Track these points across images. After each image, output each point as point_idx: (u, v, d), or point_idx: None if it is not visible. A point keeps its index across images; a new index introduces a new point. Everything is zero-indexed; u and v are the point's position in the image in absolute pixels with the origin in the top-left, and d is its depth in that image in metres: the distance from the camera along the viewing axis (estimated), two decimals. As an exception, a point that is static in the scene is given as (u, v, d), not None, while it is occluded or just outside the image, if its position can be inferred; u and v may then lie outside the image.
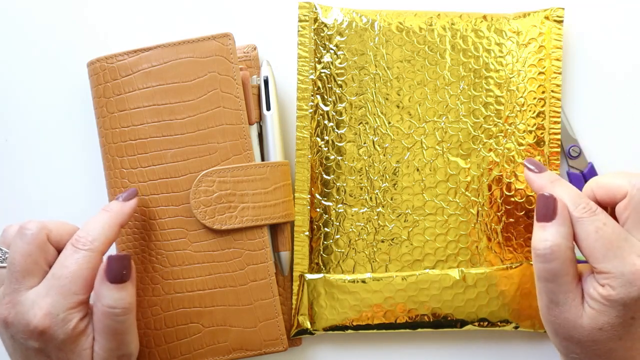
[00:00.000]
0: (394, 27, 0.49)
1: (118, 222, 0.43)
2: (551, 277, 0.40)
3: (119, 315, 0.41)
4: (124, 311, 0.41)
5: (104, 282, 0.41)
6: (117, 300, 0.40)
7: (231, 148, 0.47)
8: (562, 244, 0.39)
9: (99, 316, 0.41)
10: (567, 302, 0.40)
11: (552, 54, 0.49)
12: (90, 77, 0.47)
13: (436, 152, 0.49)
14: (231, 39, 0.47)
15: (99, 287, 0.41)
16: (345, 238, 0.49)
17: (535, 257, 0.40)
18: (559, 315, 0.40)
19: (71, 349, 0.40)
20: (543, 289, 0.40)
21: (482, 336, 0.49)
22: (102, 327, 0.41)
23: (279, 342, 0.47)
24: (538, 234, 0.40)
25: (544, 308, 0.41)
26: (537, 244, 0.40)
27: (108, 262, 0.41)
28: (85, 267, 0.40)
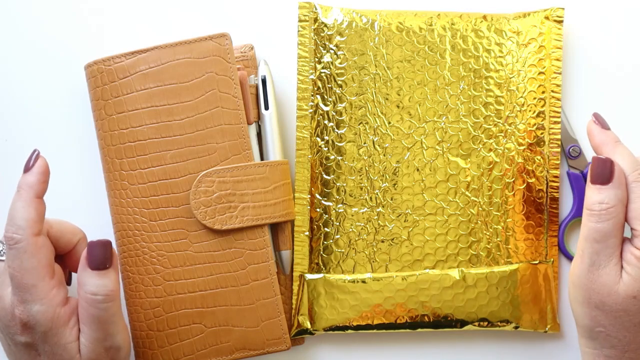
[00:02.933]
0: (394, 27, 0.49)
1: (32, 198, 0.41)
2: (600, 237, 0.41)
3: (102, 302, 0.40)
4: (106, 298, 0.40)
5: (85, 269, 0.41)
6: (99, 286, 0.40)
7: (230, 148, 0.47)
8: (618, 205, 0.41)
9: (83, 304, 0.41)
10: (609, 266, 0.41)
11: (552, 54, 0.49)
12: (88, 79, 0.47)
13: (436, 152, 0.49)
14: (228, 39, 0.47)
15: (80, 274, 0.41)
16: (345, 238, 0.49)
17: (588, 217, 0.41)
18: (597, 280, 0.41)
19: (56, 342, 0.40)
20: (588, 249, 0.41)
21: (482, 336, 0.50)
22: (86, 316, 0.40)
23: (281, 341, 0.47)
24: (594, 195, 0.41)
25: (583, 272, 0.41)
26: (593, 206, 0.41)
27: (89, 248, 0.41)
28: (26, 258, 0.40)
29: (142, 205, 0.46)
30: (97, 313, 0.40)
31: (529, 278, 0.48)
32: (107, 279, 0.41)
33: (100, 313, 0.40)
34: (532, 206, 0.49)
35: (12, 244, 0.40)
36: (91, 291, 0.40)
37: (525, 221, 0.49)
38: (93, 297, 0.40)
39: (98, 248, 0.41)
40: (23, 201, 0.41)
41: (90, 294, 0.40)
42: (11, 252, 0.40)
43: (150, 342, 0.46)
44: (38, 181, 0.41)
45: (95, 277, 0.40)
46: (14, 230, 0.40)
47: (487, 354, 0.50)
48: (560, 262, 0.50)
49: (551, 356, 0.49)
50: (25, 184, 0.41)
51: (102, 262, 0.41)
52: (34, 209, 0.41)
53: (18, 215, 0.40)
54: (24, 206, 0.41)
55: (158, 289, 0.46)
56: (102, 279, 0.40)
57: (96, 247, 0.41)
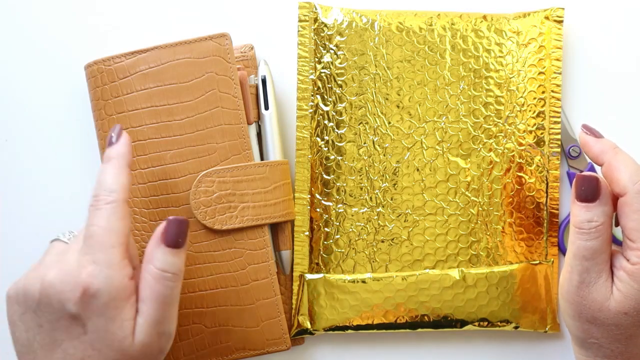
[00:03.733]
0: (394, 27, 0.49)
1: (124, 164, 0.41)
2: (590, 255, 0.40)
3: (170, 280, 0.39)
4: (175, 277, 0.40)
5: (159, 245, 0.40)
6: (170, 264, 0.39)
7: (230, 148, 0.47)
8: (606, 222, 0.40)
9: (149, 280, 0.39)
10: (599, 282, 0.40)
11: (552, 54, 0.49)
12: (88, 79, 0.47)
13: (436, 152, 0.49)
14: (228, 39, 0.47)
15: (152, 249, 0.40)
16: (345, 238, 0.49)
17: (577, 235, 0.41)
18: (587, 296, 0.40)
19: (112, 316, 0.38)
20: (577, 267, 0.41)
21: (482, 336, 0.50)
22: (150, 293, 0.39)
23: (281, 342, 0.47)
24: (582, 214, 0.41)
25: (572, 288, 0.41)
26: (582, 224, 0.40)
27: (167, 225, 0.40)
28: (114, 219, 0.39)
29: (142, 205, 0.46)
30: (162, 291, 0.39)
31: (529, 278, 0.48)
32: (178, 258, 0.40)
33: (166, 291, 0.39)
34: (532, 206, 0.49)
35: (103, 204, 0.39)
36: (162, 267, 0.39)
37: (525, 221, 0.49)
38: (163, 273, 0.39)
39: (176, 225, 0.40)
40: (116, 168, 0.41)
41: (160, 270, 0.39)
42: (98, 213, 0.39)
43: (150, 342, 0.47)
44: (128, 151, 0.42)
45: (168, 254, 0.40)
46: (107, 193, 0.40)
47: (487, 354, 0.50)
48: (560, 262, 0.50)
49: (551, 356, 0.49)
50: (116, 153, 0.41)
51: (178, 240, 0.40)
52: (126, 176, 0.41)
53: (110, 180, 0.40)
54: (116, 172, 0.40)
55: (158, 289, 0.46)
56: (174, 256, 0.40)
57: (175, 223, 0.40)
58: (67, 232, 0.43)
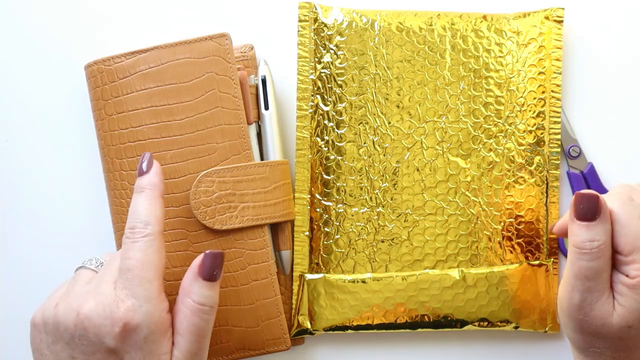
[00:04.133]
0: (394, 27, 0.49)
1: (157, 195, 0.41)
2: (593, 275, 0.39)
3: (207, 313, 0.40)
4: (211, 310, 0.40)
5: (197, 279, 0.40)
6: (207, 297, 0.40)
7: (230, 148, 0.47)
8: (607, 240, 0.39)
9: (186, 314, 0.40)
10: (601, 300, 0.39)
11: (552, 54, 0.49)
12: (88, 79, 0.47)
13: (436, 152, 0.49)
14: (228, 39, 0.47)
15: (190, 282, 0.40)
16: (345, 238, 0.49)
17: (578, 255, 0.39)
18: (589, 313, 0.40)
19: (151, 350, 0.39)
20: (579, 287, 0.40)
21: (482, 336, 0.50)
22: (187, 326, 0.40)
23: (281, 341, 0.47)
24: (583, 233, 0.39)
25: (573, 307, 0.40)
26: (583, 244, 0.39)
27: (204, 258, 0.41)
28: (151, 252, 0.39)
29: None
30: (199, 324, 0.40)
31: (529, 278, 0.48)
32: (215, 291, 0.41)
33: (202, 324, 0.40)
34: (532, 206, 0.49)
35: (140, 236, 0.40)
36: (200, 301, 0.40)
37: (525, 221, 0.49)
38: (201, 307, 0.40)
39: (213, 259, 0.41)
40: (150, 199, 0.41)
41: (198, 304, 0.40)
42: (135, 245, 0.39)
43: (150, 342, 0.47)
44: (160, 181, 0.42)
45: (205, 288, 0.40)
46: (142, 226, 0.40)
47: (487, 354, 0.50)
48: (560, 262, 0.50)
49: (551, 356, 0.49)
50: (149, 184, 0.41)
51: (214, 274, 0.41)
52: (160, 207, 0.41)
53: (145, 212, 0.40)
54: (151, 203, 0.41)
55: (158, 289, 0.46)
56: (210, 290, 0.40)
57: (211, 257, 0.41)
58: (92, 259, 0.43)
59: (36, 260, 0.51)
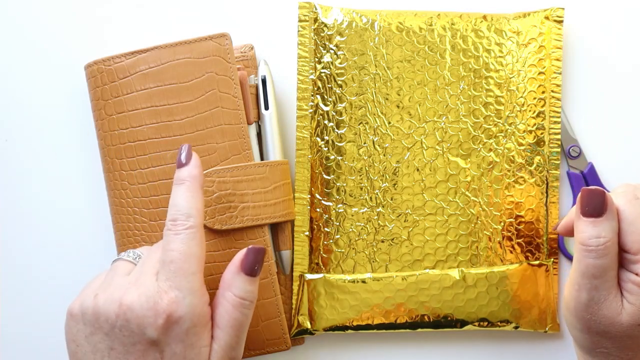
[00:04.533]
0: (394, 27, 0.49)
1: (197, 187, 0.41)
2: (599, 273, 0.39)
3: (247, 307, 0.41)
4: (251, 304, 0.41)
5: (239, 273, 0.41)
6: (248, 292, 0.41)
7: (230, 148, 0.47)
8: (614, 238, 0.39)
9: (227, 307, 0.40)
10: (609, 299, 0.39)
11: (552, 54, 0.49)
12: (88, 79, 0.47)
13: (436, 152, 0.49)
14: (228, 39, 0.47)
15: (232, 277, 0.41)
16: (345, 238, 0.49)
17: (585, 254, 0.39)
18: (597, 312, 0.39)
19: (192, 343, 0.39)
20: (586, 285, 0.39)
21: (482, 336, 0.50)
22: (228, 320, 0.40)
23: (281, 341, 0.47)
24: (589, 230, 0.39)
25: (580, 306, 0.40)
26: (590, 241, 0.39)
27: (247, 253, 0.41)
28: (194, 244, 0.39)
29: (142, 205, 0.46)
30: (240, 318, 0.40)
31: (529, 278, 0.48)
32: (255, 286, 0.41)
33: (242, 318, 0.41)
34: (532, 206, 0.49)
35: (182, 228, 0.39)
36: (241, 295, 0.40)
37: (525, 221, 0.49)
38: (242, 301, 0.40)
39: (255, 254, 0.41)
40: (191, 191, 0.41)
41: (240, 298, 0.40)
42: (177, 238, 0.39)
43: (150, 342, 0.47)
44: (200, 173, 0.42)
45: (247, 282, 0.41)
46: (184, 218, 0.40)
47: (487, 354, 0.50)
48: (561, 262, 0.50)
49: (551, 356, 0.49)
50: (189, 176, 0.41)
51: (256, 269, 0.41)
52: (201, 200, 0.41)
53: (186, 204, 0.40)
54: (192, 195, 0.40)
55: (158, 289, 0.46)
56: (251, 285, 0.41)
57: (254, 253, 0.41)
58: (130, 252, 0.43)
59: (36, 260, 0.51)
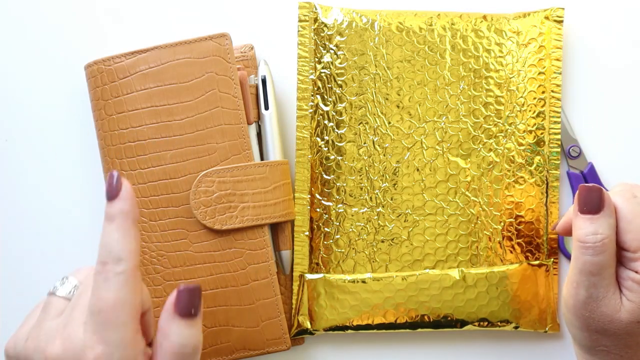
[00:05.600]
0: (394, 27, 0.49)
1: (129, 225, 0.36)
2: (597, 270, 0.39)
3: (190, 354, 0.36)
4: (195, 350, 0.36)
5: (173, 318, 0.36)
6: (188, 337, 0.36)
7: (230, 148, 0.47)
8: (612, 235, 0.39)
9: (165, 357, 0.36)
10: (607, 296, 0.39)
11: (552, 54, 0.49)
12: (88, 79, 0.47)
13: (436, 152, 0.49)
14: (228, 39, 0.47)
15: (167, 323, 0.36)
16: (345, 238, 0.49)
17: (582, 251, 0.39)
18: (596, 310, 0.39)
19: None
20: (584, 283, 0.39)
21: (482, 336, 0.50)
22: None
23: (281, 341, 0.47)
24: (586, 227, 0.39)
25: (579, 303, 0.40)
26: (587, 238, 0.39)
27: (179, 294, 0.36)
28: (125, 291, 0.35)
29: (142, 205, 0.46)
30: None
31: (529, 278, 0.48)
32: (196, 328, 0.36)
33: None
34: (532, 206, 0.49)
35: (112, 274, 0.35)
36: (180, 342, 0.36)
37: (525, 221, 0.49)
38: (182, 348, 0.36)
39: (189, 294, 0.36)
40: (121, 230, 0.36)
41: (179, 345, 0.36)
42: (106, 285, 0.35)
43: (150, 342, 0.47)
44: (132, 206, 0.37)
45: (184, 327, 0.36)
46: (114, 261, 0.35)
47: (487, 354, 0.50)
48: (561, 262, 0.50)
49: (551, 356, 0.49)
50: (118, 212, 0.36)
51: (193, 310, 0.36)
52: (134, 239, 0.36)
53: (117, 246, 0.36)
54: (123, 235, 0.36)
55: (158, 289, 0.46)
56: (191, 328, 0.36)
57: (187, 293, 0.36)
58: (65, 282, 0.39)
59: (36, 260, 0.51)
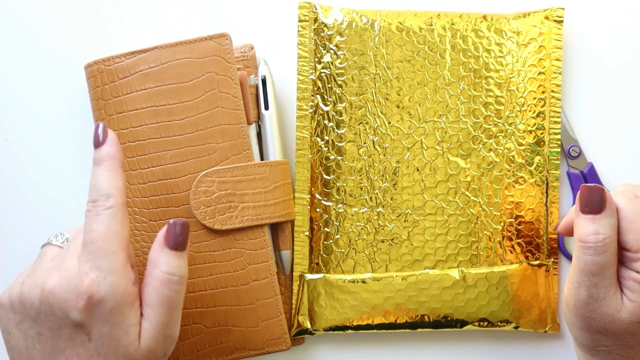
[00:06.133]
0: (394, 27, 0.49)
1: (117, 166, 0.40)
2: (598, 270, 0.39)
3: (177, 283, 0.39)
4: (181, 279, 0.39)
5: (163, 249, 0.40)
6: (175, 267, 0.39)
7: (230, 148, 0.47)
8: (613, 235, 0.39)
9: (156, 285, 0.39)
10: (608, 296, 0.39)
11: (552, 54, 0.49)
12: (88, 79, 0.47)
13: (436, 152, 0.49)
14: (228, 39, 0.47)
15: (157, 253, 0.40)
16: (345, 238, 0.49)
17: (584, 250, 0.39)
18: (597, 310, 0.39)
19: (118, 322, 0.38)
20: (585, 283, 0.39)
21: (482, 336, 0.50)
22: (157, 297, 0.39)
23: (281, 341, 0.47)
24: (587, 227, 0.39)
25: (580, 303, 0.40)
26: (588, 237, 0.39)
27: (168, 228, 0.40)
28: (114, 223, 0.38)
29: (142, 205, 0.46)
30: (169, 294, 0.39)
31: (529, 278, 0.48)
32: (183, 260, 0.40)
33: (173, 295, 0.39)
34: (531, 206, 0.49)
35: (102, 209, 0.38)
36: (168, 271, 0.39)
37: (525, 221, 0.49)
38: (170, 277, 0.39)
39: (178, 228, 0.40)
40: (109, 170, 0.39)
41: (167, 274, 0.39)
42: (97, 219, 0.38)
43: (150, 342, 0.47)
44: (117, 150, 0.40)
45: (173, 257, 0.39)
46: (104, 198, 0.39)
47: (487, 354, 0.50)
48: (561, 262, 0.50)
49: (551, 356, 0.49)
50: (106, 155, 0.40)
51: (181, 242, 0.40)
52: (121, 179, 0.40)
53: (105, 185, 0.39)
54: (111, 175, 0.39)
55: (158, 289, 0.46)
56: (179, 259, 0.40)
57: (176, 226, 0.40)
58: (58, 235, 0.42)
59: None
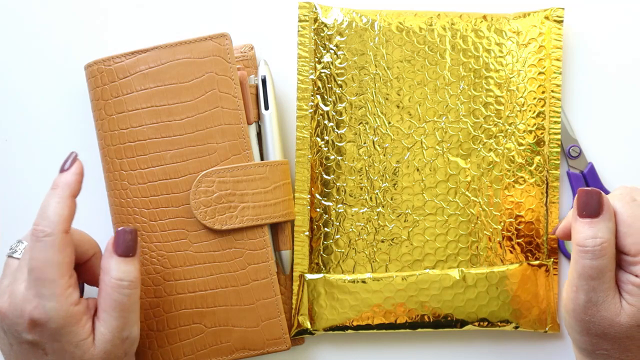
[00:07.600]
0: (394, 27, 0.49)
1: (67, 196, 0.42)
2: (597, 274, 0.39)
3: (127, 288, 0.41)
4: (131, 284, 0.42)
5: (112, 256, 0.42)
6: (125, 272, 0.41)
7: (230, 148, 0.47)
8: (611, 239, 0.39)
9: (107, 291, 0.41)
10: (607, 300, 0.39)
11: (552, 54, 0.49)
12: (88, 79, 0.47)
13: (436, 152, 0.49)
14: (228, 39, 0.47)
15: (107, 261, 0.42)
16: (345, 238, 0.49)
17: (582, 255, 0.39)
18: (596, 314, 0.39)
19: (67, 340, 0.40)
20: (584, 287, 0.39)
21: (482, 336, 0.50)
22: (110, 303, 0.41)
23: (281, 341, 0.47)
24: (585, 231, 0.39)
25: (579, 307, 0.40)
26: (586, 242, 0.39)
27: (116, 235, 0.42)
28: (52, 252, 0.40)
29: (142, 205, 0.46)
30: (120, 299, 0.41)
31: (529, 278, 0.48)
32: (132, 265, 0.42)
33: (124, 299, 0.41)
34: (531, 206, 0.49)
35: (42, 236, 0.40)
36: (117, 277, 0.41)
37: (525, 221, 0.49)
38: (119, 282, 0.41)
39: (125, 235, 0.42)
40: (58, 197, 0.41)
41: (116, 280, 0.41)
42: (38, 245, 0.40)
43: (150, 342, 0.47)
44: (75, 181, 0.42)
45: (122, 263, 0.42)
46: (46, 224, 0.40)
47: (487, 354, 0.50)
48: (560, 262, 0.50)
49: (551, 356, 0.49)
50: (62, 182, 0.42)
51: (129, 249, 0.42)
52: (68, 207, 0.41)
53: (51, 211, 0.41)
54: (58, 202, 0.41)
55: (158, 289, 0.46)
56: (127, 265, 0.42)
57: (124, 234, 0.42)
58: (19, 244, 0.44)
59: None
